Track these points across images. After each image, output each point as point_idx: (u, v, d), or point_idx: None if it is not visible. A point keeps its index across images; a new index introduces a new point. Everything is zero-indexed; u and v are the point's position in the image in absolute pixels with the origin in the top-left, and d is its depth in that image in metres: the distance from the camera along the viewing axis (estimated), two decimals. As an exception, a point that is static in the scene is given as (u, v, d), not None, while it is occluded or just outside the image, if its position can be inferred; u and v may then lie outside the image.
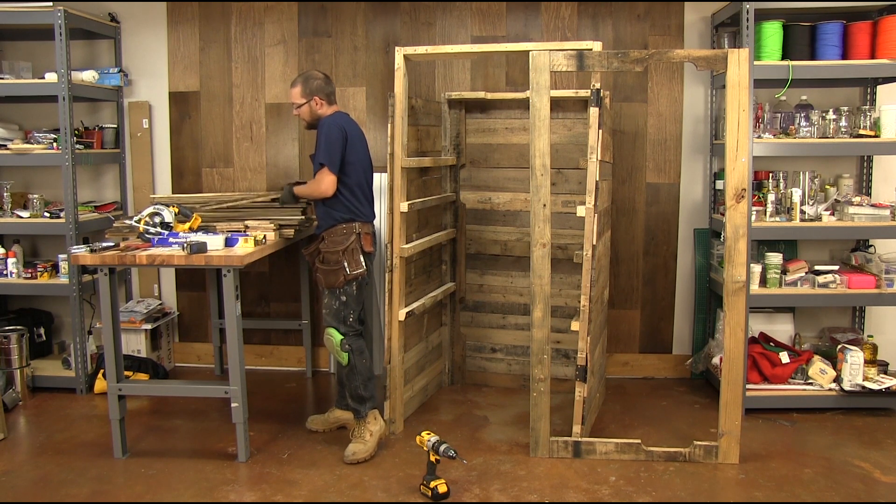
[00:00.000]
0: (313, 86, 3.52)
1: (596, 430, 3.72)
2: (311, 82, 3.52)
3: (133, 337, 4.49)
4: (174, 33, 4.67)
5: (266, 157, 4.69)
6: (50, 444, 3.61)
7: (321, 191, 3.44)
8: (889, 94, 4.19)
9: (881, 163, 4.34)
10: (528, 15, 4.46)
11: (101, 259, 3.32)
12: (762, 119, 4.01)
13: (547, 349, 3.37)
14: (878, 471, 3.28)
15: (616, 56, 3.28)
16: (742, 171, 3.24)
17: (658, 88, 4.45)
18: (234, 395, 3.33)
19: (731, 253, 3.26)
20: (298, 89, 3.53)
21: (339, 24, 4.57)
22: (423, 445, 3.09)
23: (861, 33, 3.86)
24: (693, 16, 4.39)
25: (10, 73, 4.40)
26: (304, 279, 4.60)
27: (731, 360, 3.30)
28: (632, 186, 4.50)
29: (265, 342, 4.82)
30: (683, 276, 4.55)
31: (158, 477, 3.25)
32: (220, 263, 3.31)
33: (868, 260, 4.09)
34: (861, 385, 3.86)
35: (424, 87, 4.52)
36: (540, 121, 3.30)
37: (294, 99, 3.55)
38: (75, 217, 4.18)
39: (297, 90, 3.54)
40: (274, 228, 3.75)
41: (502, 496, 3.07)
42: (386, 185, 3.91)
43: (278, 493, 3.10)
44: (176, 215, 3.57)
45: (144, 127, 4.71)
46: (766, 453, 3.46)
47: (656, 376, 4.60)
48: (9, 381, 4.13)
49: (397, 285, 3.65)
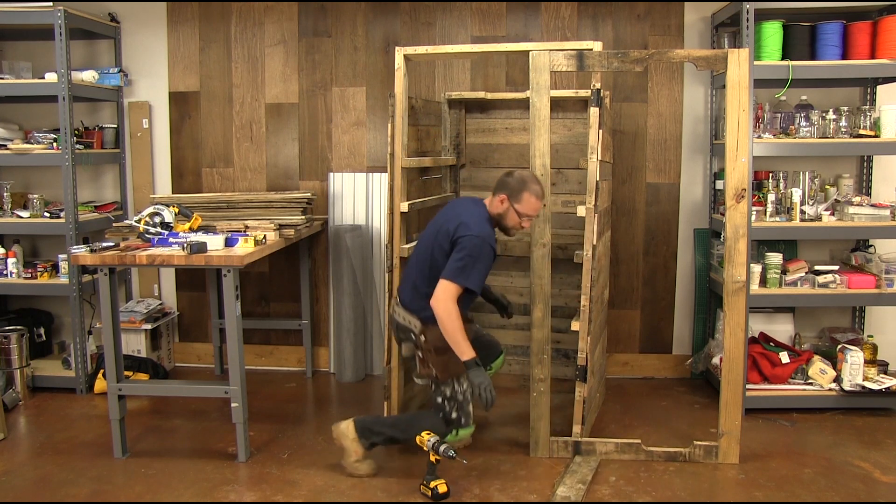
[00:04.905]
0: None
1: (596, 430, 3.72)
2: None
3: (133, 337, 4.49)
4: (174, 33, 4.67)
5: (266, 157, 4.69)
6: (50, 444, 3.61)
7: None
8: (889, 94, 4.19)
9: (881, 163, 4.34)
10: (528, 15, 4.46)
11: (101, 259, 3.32)
12: (762, 119, 4.01)
13: (547, 349, 3.37)
14: (878, 471, 3.28)
15: (616, 56, 3.28)
16: (742, 171, 3.24)
17: (658, 88, 4.45)
18: (234, 395, 3.33)
19: (731, 253, 3.26)
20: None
21: (339, 24, 4.56)
22: (423, 445, 3.09)
23: (861, 33, 3.86)
24: (693, 16, 4.39)
25: (10, 73, 4.39)
26: (304, 279, 4.61)
27: (731, 360, 3.30)
28: (632, 186, 4.50)
29: (265, 342, 4.82)
30: (683, 276, 4.55)
31: (158, 477, 3.25)
32: (220, 263, 3.31)
33: (868, 260, 4.09)
34: (861, 385, 3.86)
35: (424, 87, 4.52)
36: (540, 121, 3.30)
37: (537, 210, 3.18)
38: (75, 217, 4.18)
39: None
40: (274, 228, 3.75)
41: (502, 496, 3.07)
42: (386, 185, 3.91)
43: (278, 493, 3.10)
44: (176, 215, 3.57)
45: (144, 127, 4.71)
46: (766, 453, 3.46)
47: (656, 376, 4.60)
48: (9, 381, 4.13)
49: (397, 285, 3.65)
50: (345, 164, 4.64)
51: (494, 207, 3.17)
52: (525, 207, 3.11)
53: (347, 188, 4.61)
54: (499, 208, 3.15)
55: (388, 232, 3.67)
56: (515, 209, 3.11)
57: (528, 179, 3.13)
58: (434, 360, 3.12)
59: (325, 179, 4.65)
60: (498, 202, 3.15)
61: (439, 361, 3.11)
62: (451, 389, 3.13)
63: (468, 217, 3.10)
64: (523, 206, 3.11)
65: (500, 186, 3.17)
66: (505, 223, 3.17)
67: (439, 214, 3.27)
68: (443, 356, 3.10)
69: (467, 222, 3.07)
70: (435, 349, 3.11)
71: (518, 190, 3.11)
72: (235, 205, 4.06)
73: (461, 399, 3.15)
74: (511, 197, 3.11)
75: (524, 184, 3.11)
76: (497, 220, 3.18)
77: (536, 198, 3.12)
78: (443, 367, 3.11)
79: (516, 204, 3.11)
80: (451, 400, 3.14)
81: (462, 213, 3.14)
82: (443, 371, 3.11)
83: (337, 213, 4.62)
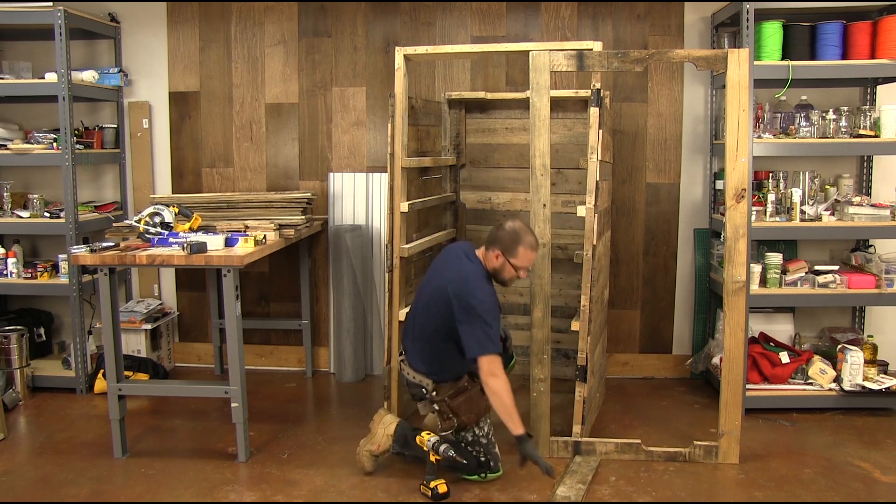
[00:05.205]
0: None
1: (596, 430, 3.72)
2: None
3: (133, 337, 4.49)
4: (174, 33, 4.67)
5: (266, 157, 4.69)
6: (50, 444, 3.61)
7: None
8: (889, 94, 4.19)
9: (881, 163, 4.34)
10: (528, 15, 4.45)
11: (101, 259, 3.32)
12: (762, 119, 4.01)
13: (547, 349, 3.37)
14: (878, 471, 3.28)
15: (616, 56, 3.28)
16: (742, 171, 3.24)
17: (658, 88, 4.45)
18: (234, 395, 3.33)
19: (731, 253, 3.26)
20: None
21: (339, 24, 4.56)
22: (424, 445, 3.09)
23: (861, 33, 3.86)
24: (693, 16, 4.39)
25: (10, 73, 4.39)
26: (304, 279, 4.61)
27: (731, 360, 3.30)
28: (632, 186, 4.50)
29: (265, 342, 4.82)
30: (683, 276, 4.55)
31: (158, 477, 3.24)
32: (220, 263, 3.31)
33: (868, 260, 4.09)
34: (861, 385, 3.86)
35: (424, 87, 4.52)
36: (540, 121, 3.30)
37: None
38: (75, 217, 4.18)
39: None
40: (274, 228, 3.75)
41: (502, 496, 3.07)
42: (386, 185, 3.91)
43: (278, 493, 3.10)
44: (176, 215, 3.57)
45: (144, 127, 4.71)
46: (766, 453, 3.46)
47: (656, 376, 4.60)
48: (9, 381, 4.13)
49: (397, 285, 3.65)
50: (345, 164, 4.64)
51: (490, 262, 3.14)
52: (521, 261, 3.10)
53: (347, 188, 4.61)
54: (494, 263, 3.13)
55: (388, 232, 3.67)
56: (511, 263, 3.10)
57: (521, 232, 3.09)
58: (453, 409, 3.14)
59: (325, 179, 4.65)
60: (493, 258, 3.12)
61: (459, 405, 3.14)
62: (473, 434, 3.16)
63: (468, 278, 3.07)
64: (519, 260, 3.10)
65: (494, 241, 3.12)
66: (502, 276, 3.16)
67: (436, 270, 3.27)
68: (458, 398, 3.14)
69: (470, 289, 3.03)
70: (449, 397, 3.14)
71: (513, 245, 3.08)
72: (235, 205, 4.06)
73: (485, 442, 3.18)
74: (506, 252, 3.09)
75: (518, 237, 3.08)
76: (493, 274, 3.17)
77: (532, 250, 3.11)
78: (465, 409, 3.13)
79: (512, 258, 3.09)
80: (475, 444, 3.17)
81: (461, 273, 3.10)
82: (466, 413, 3.14)
83: (337, 213, 4.62)
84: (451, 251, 3.28)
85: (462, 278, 3.07)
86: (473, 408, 3.14)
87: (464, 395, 3.14)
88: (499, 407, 3.00)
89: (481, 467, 3.17)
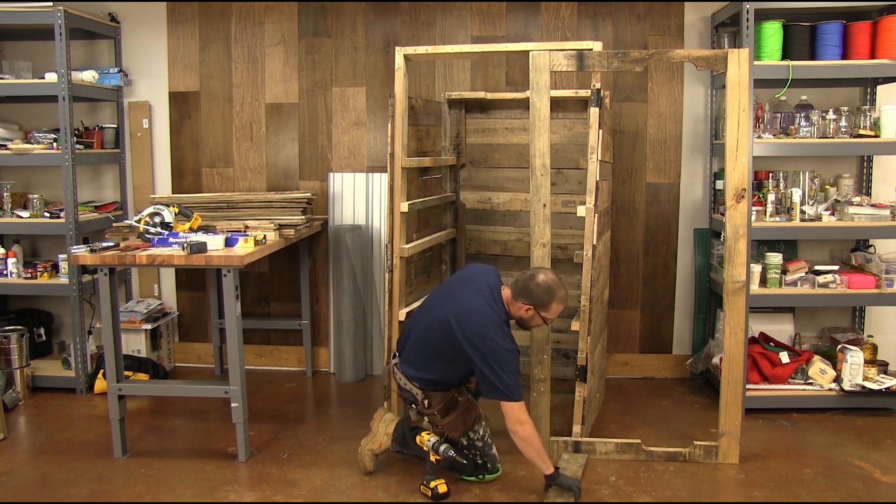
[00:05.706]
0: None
1: (596, 430, 3.72)
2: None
3: (133, 337, 4.49)
4: (174, 33, 4.67)
5: (266, 157, 4.69)
6: (50, 444, 3.61)
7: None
8: (889, 94, 4.19)
9: (881, 163, 4.34)
10: (528, 15, 4.46)
11: (101, 259, 3.32)
12: (762, 119, 4.01)
13: (547, 349, 3.37)
14: (878, 471, 3.28)
15: (616, 56, 3.28)
16: (742, 171, 3.24)
17: (658, 88, 4.45)
18: (234, 395, 3.33)
19: (731, 253, 3.26)
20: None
21: (339, 24, 4.56)
22: (424, 445, 3.09)
23: (861, 33, 3.86)
24: (693, 16, 4.39)
25: (10, 73, 4.39)
26: (305, 279, 4.61)
27: (731, 360, 3.30)
28: (632, 186, 4.50)
29: (265, 342, 4.82)
30: (683, 276, 4.55)
31: (158, 477, 3.25)
32: (220, 263, 3.31)
33: (868, 260, 4.09)
34: (861, 385, 3.86)
35: (424, 87, 4.52)
36: (540, 121, 3.30)
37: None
38: (75, 217, 4.18)
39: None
40: (274, 228, 3.75)
41: (502, 496, 3.07)
42: (386, 185, 3.91)
43: (278, 493, 3.10)
44: (176, 215, 3.57)
45: (144, 127, 4.71)
46: (766, 453, 3.46)
47: (656, 376, 4.60)
48: (9, 381, 4.13)
49: (397, 285, 3.65)
50: (345, 164, 4.64)
51: (516, 311, 3.09)
52: (552, 314, 3.09)
53: (347, 188, 4.61)
54: (522, 314, 3.08)
55: (388, 232, 3.67)
56: (542, 316, 3.08)
57: (555, 288, 3.04)
58: (443, 423, 3.13)
59: (325, 179, 4.65)
60: (523, 309, 3.07)
61: (448, 423, 3.13)
62: (468, 439, 3.16)
63: (487, 325, 2.99)
64: (550, 314, 3.08)
65: (526, 294, 3.04)
66: (528, 325, 3.15)
67: (448, 292, 3.18)
68: (449, 416, 3.12)
69: (493, 336, 2.96)
70: (440, 413, 3.12)
71: (547, 301, 3.04)
72: (235, 205, 4.06)
73: (481, 445, 3.18)
74: (539, 307, 3.05)
75: (552, 294, 3.03)
76: (518, 321, 3.14)
77: (563, 303, 3.09)
78: (453, 427, 3.13)
79: (543, 312, 3.07)
80: (471, 447, 3.17)
81: (480, 322, 3.00)
82: (454, 430, 3.13)
83: (337, 213, 4.62)
84: (472, 280, 3.17)
85: (480, 326, 2.98)
86: (461, 425, 3.14)
87: (454, 413, 3.12)
88: (529, 452, 3.00)
89: (478, 469, 3.18)
